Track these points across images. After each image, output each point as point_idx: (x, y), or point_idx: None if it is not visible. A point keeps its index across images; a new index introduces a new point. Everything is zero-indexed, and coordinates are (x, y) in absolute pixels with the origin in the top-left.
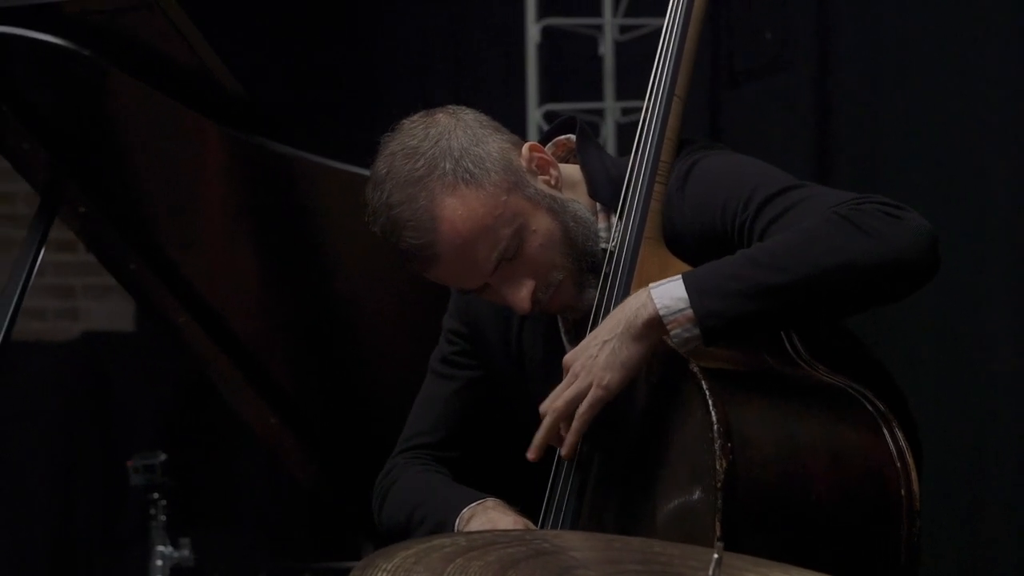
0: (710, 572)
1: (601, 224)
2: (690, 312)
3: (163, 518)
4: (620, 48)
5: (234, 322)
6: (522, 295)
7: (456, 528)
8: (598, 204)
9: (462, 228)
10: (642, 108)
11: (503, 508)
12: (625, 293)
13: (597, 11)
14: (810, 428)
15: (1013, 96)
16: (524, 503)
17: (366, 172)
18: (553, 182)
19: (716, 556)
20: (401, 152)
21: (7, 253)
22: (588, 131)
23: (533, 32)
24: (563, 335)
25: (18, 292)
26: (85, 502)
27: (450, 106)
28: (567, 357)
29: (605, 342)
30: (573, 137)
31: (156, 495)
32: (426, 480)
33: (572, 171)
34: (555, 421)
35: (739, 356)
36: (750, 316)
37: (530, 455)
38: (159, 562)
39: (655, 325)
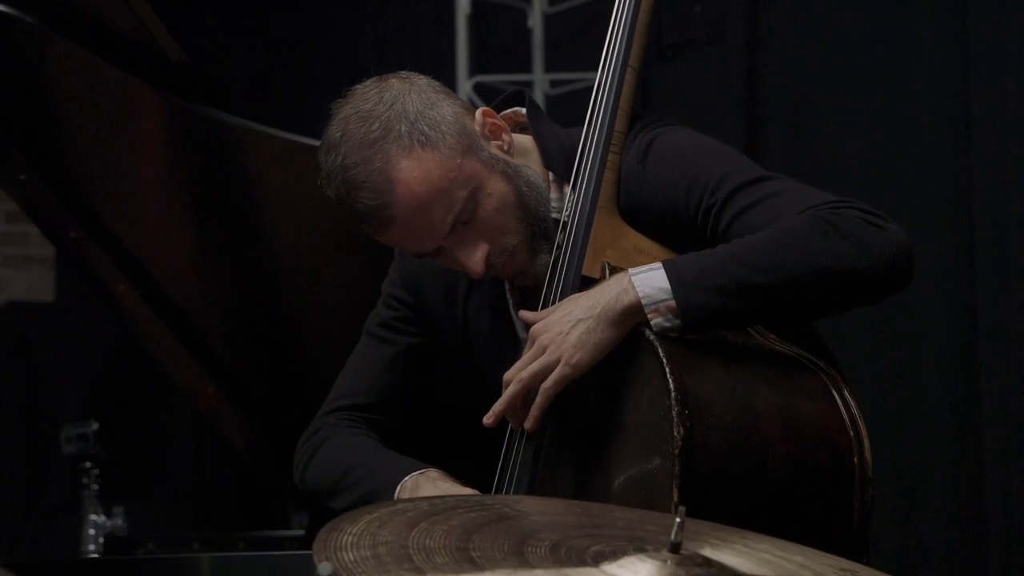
0: (672, 536)
1: (554, 194)
2: (672, 303)
3: (95, 487)
4: (549, 20)
5: (172, 289)
6: (476, 258)
7: (396, 496)
8: (551, 174)
9: (418, 190)
10: (571, 80)
11: (449, 479)
12: (579, 261)
13: None
14: (766, 395)
15: (943, 67)
16: (463, 473)
17: (303, 139)
18: (505, 147)
19: (679, 520)
20: (356, 115)
21: None
22: (537, 103)
23: (463, 3)
24: (511, 307)
25: None
26: (10, 472)
27: (402, 72)
28: (535, 328)
29: (580, 320)
30: (522, 110)
31: (89, 464)
32: (360, 443)
33: (524, 140)
34: (519, 392)
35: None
36: (730, 312)
37: (487, 421)
38: (91, 531)
39: (635, 312)
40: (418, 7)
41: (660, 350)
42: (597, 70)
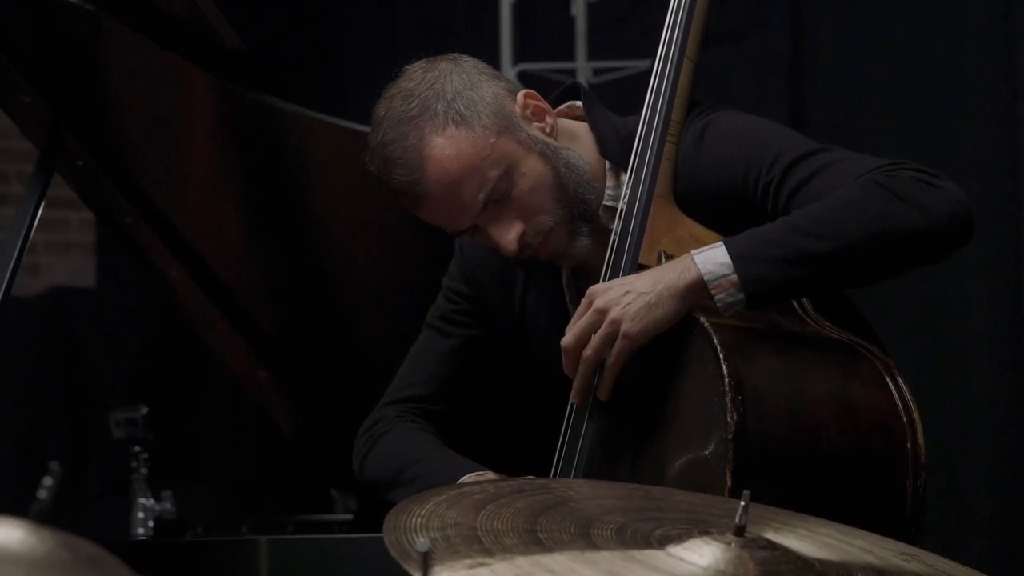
0: (736, 519)
1: (610, 182)
2: (735, 277)
3: (144, 471)
4: (592, 9)
5: (225, 275)
6: (509, 237)
7: None
8: (608, 163)
9: (449, 167)
10: (613, 68)
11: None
12: (636, 249)
13: None
14: (819, 381)
15: (988, 53)
16: (517, 466)
17: (356, 126)
18: (548, 130)
19: (743, 504)
20: (399, 95)
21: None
22: (592, 94)
23: None
24: (568, 303)
25: (18, 247)
26: (55, 457)
27: (452, 53)
28: (592, 288)
29: (640, 294)
30: (578, 103)
31: (138, 448)
32: (419, 439)
33: (576, 127)
34: (591, 366)
35: (747, 312)
36: (792, 281)
37: (575, 398)
38: (141, 514)
39: (698, 288)
40: None
41: (714, 337)
42: (639, 58)
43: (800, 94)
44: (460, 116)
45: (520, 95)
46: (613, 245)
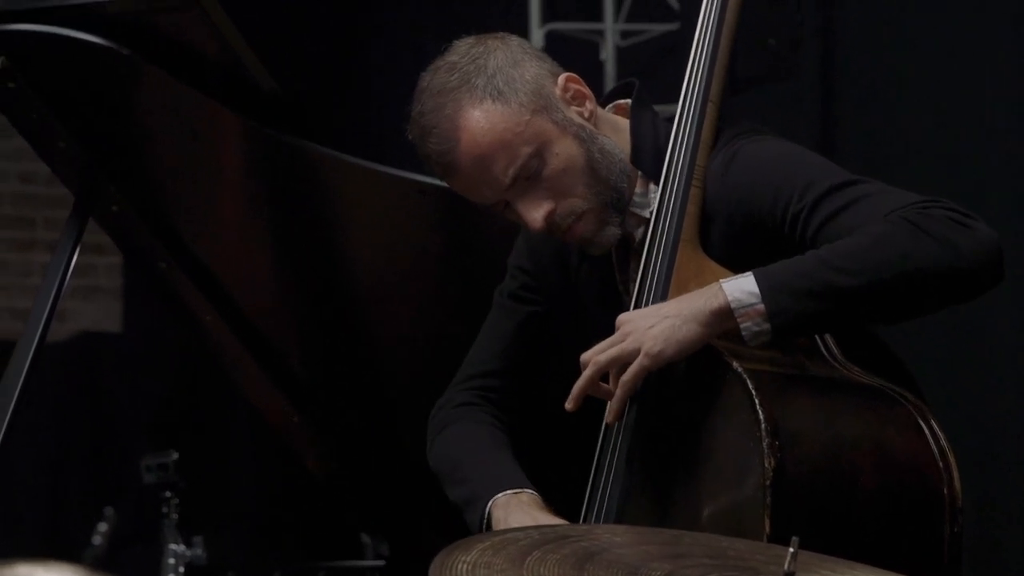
0: (786, 566)
1: (639, 188)
2: (761, 307)
3: (175, 517)
4: None
5: (258, 319)
6: (536, 215)
7: (487, 509)
8: (639, 172)
9: (481, 140)
10: (644, 32)
11: (539, 505)
12: (663, 296)
13: None
14: (854, 427)
15: (1018, 102)
16: (563, 458)
17: (385, 169)
18: (587, 114)
19: (792, 550)
20: (443, 67)
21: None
22: (646, 96)
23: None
24: (619, 284)
25: (54, 292)
26: (82, 502)
27: (501, 32)
28: (621, 316)
29: (666, 317)
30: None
31: (169, 494)
32: (480, 438)
33: (620, 121)
34: (594, 374)
35: (778, 358)
36: (819, 315)
37: (569, 405)
38: (172, 560)
39: (724, 315)
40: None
41: (749, 382)
42: (668, 21)
43: (831, 140)
44: (498, 91)
45: (562, 77)
46: (639, 290)
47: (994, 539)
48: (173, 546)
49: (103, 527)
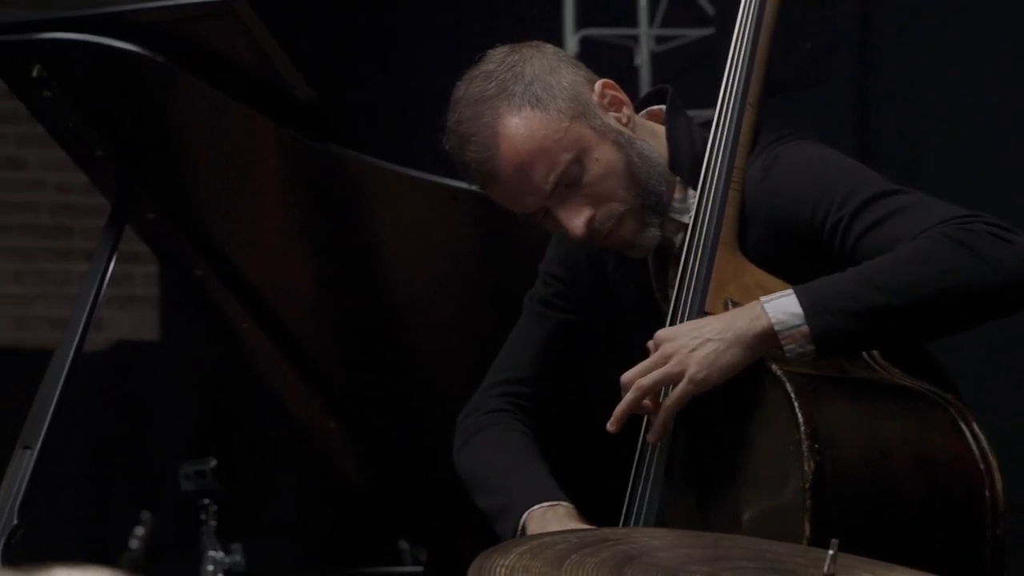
0: (825, 568)
1: (678, 195)
2: (806, 328)
3: (214, 523)
4: None
5: (295, 326)
6: (577, 222)
7: (521, 521)
8: (677, 177)
9: (521, 147)
10: (679, 37)
11: (577, 517)
12: (702, 298)
13: None
14: (895, 429)
15: None
16: (605, 466)
17: (422, 175)
18: (624, 120)
19: (831, 552)
20: (479, 76)
21: (29, 263)
22: (679, 102)
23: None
24: (655, 292)
25: (91, 301)
26: (120, 509)
27: (535, 41)
28: (660, 334)
29: (708, 340)
30: (663, 108)
31: (207, 501)
32: (509, 445)
33: (659, 130)
34: (638, 398)
35: (818, 361)
36: (863, 334)
37: (611, 427)
38: (211, 567)
39: (767, 338)
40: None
41: (788, 385)
42: (703, 26)
43: (868, 144)
44: (536, 99)
45: (598, 84)
46: (678, 292)
47: None
48: (212, 553)
49: (140, 531)
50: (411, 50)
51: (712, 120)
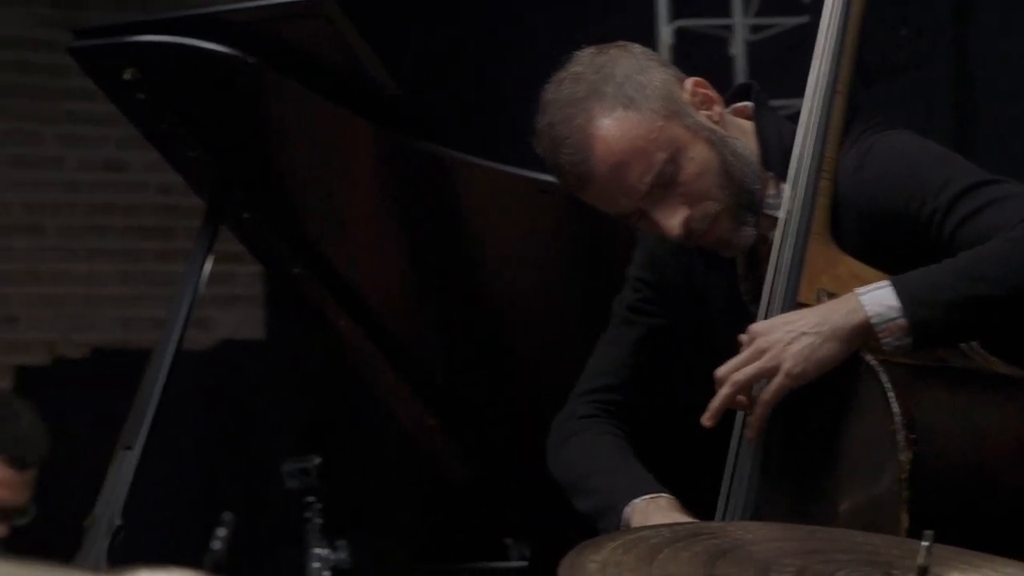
0: (919, 560)
1: (771, 191)
2: (903, 321)
3: (319, 521)
4: None
5: (392, 323)
6: (674, 222)
7: (624, 516)
8: (769, 172)
9: (616, 148)
10: (774, 26)
11: (678, 507)
12: (795, 289)
13: None
14: (994, 418)
15: None
16: (697, 462)
17: (516, 170)
18: (716, 118)
19: (926, 544)
20: (567, 78)
21: (130, 263)
22: (765, 98)
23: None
24: (743, 296)
25: (188, 301)
26: (229, 508)
27: (621, 41)
28: (754, 327)
29: (803, 334)
30: (749, 105)
31: (311, 498)
32: (604, 446)
33: (747, 127)
34: (733, 393)
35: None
36: (960, 326)
37: (706, 421)
38: (316, 564)
39: (865, 331)
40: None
41: (882, 375)
42: (798, 14)
43: (966, 130)
44: (628, 99)
45: (689, 82)
46: (770, 283)
47: None
48: (317, 550)
49: (222, 532)
50: (498, 45)
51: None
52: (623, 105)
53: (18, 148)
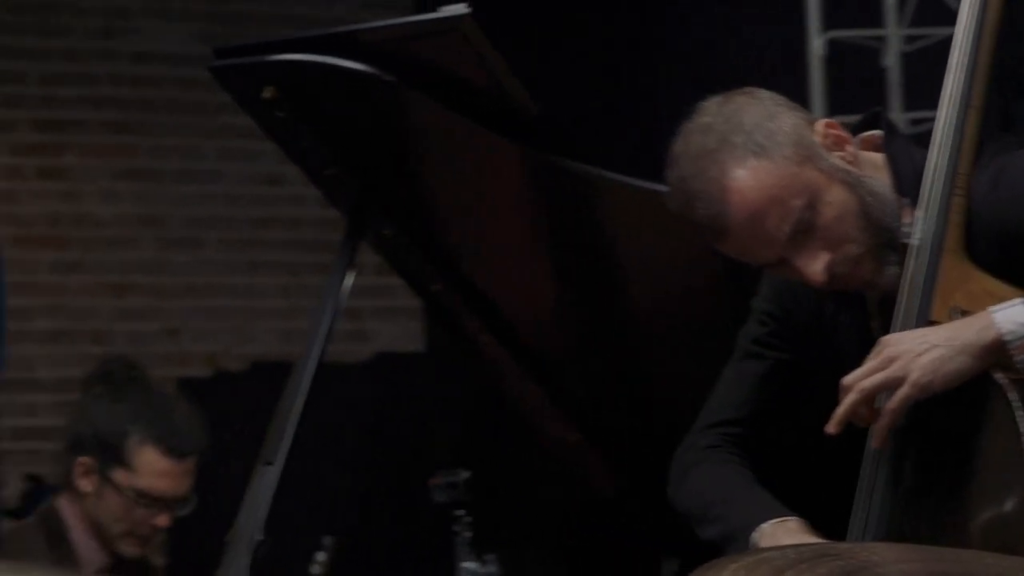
0: None
1: (906, 219)
2: None
3: (468, 535)
4: None
5: (533, 340)
6: (817, 268)
7: (752, 540)
8: (905, 200)
9: (751, 198)
10: (928, 36)
11: (807, 530)
12: (927, 307)
13: None
14: None
15: None
16: (823, 496)
17: (658, 187)
18: (849, 158)
19: None
20: (695, 130)
21: (289, 277)
22: (895, 126)
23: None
24: (875, 335)
25: (330, 316)
26: (384, 520)
27: (747, 87)
28: (884, 338)
29: (935, 346)
30: (880, 133)
31: (460, 512)
32: (727, 475)
33: (878, 159)
34: (858, 401)
35: None
36: None
37: (830, 429)
38: None
39: (996, 349)
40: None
41: (1011, 393)
42: (953, 26)
43: None
44: (760, 147)
45: (819, 124)
46: (901, 301)
47: None
48: (466, 564)
49: (321, 556)
50: (649, 60)
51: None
52: (754, 154)
53: (179, 163)
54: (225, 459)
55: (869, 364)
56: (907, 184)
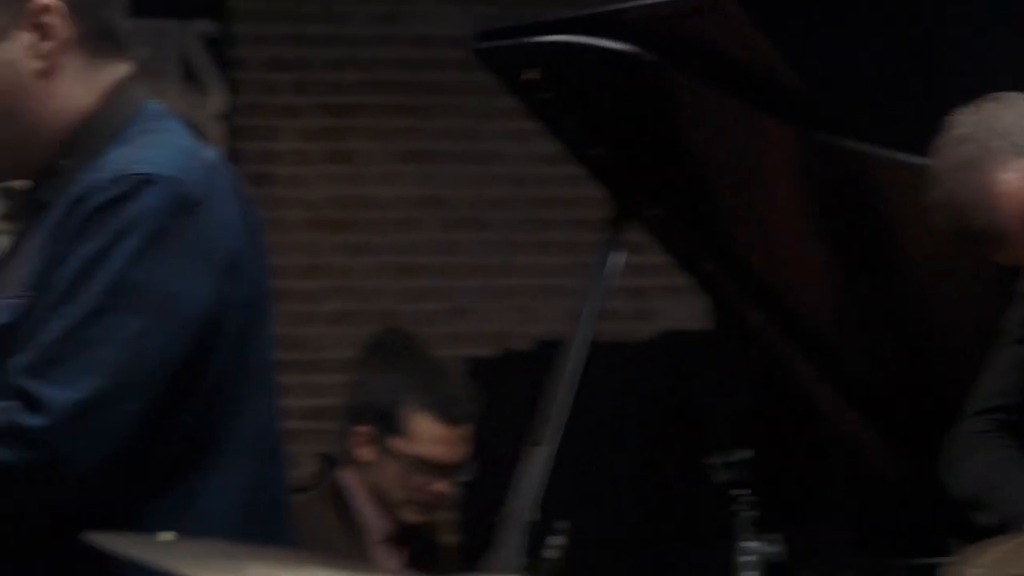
0: None
1: None
2: None
3: (750, 514)
4: None
5: (808, 320)
6: None
7: None
8: None
9: (1022, 199)
10: None
11: None
12: None
13: None
14: None
15: None
16: None
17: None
18: None
19: None
20: (951, 142)
21: (574, 256)
22: None
23: None
24: None
25: (597, 297)
26: (668, 500)
27: (995, 93)
28: None
29: None
30: None
31: (741, 491)
32: (1004, 464)
33: None
34: None
35: None
36: None
37: None
38: (747, 558)
39: None
40: None
41: None
42: None
43: None
44: (1020, 147)
45: None
46: None
47: None
48: (749, 543)
49: (555, 540)
50: (925, 36)
51: None
52: (1015, 154)
53: (461, 145)
54: (516, 439)
55: None
56: None
